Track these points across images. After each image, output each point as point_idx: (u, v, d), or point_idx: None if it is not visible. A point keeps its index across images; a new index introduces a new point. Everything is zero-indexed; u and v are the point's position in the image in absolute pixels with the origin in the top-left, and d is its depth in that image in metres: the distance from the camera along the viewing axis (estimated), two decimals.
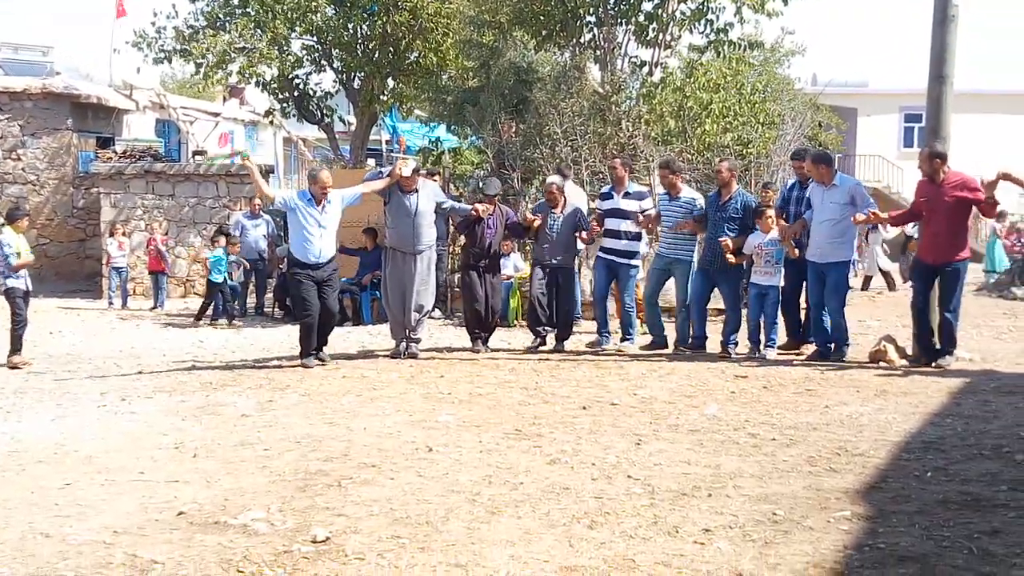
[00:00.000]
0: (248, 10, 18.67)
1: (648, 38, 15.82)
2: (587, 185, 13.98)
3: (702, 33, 15.99)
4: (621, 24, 15.87)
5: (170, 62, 19.82)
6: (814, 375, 8.64)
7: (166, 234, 18.60)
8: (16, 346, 10.90)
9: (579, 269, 12.47)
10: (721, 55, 15.88)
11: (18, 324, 10.97)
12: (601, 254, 10.77)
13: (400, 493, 5.22)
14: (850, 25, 73.87)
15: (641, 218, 10.46)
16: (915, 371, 8.78)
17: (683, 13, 15.70)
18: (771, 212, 9.96)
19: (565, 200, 10.74)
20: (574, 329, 11.32)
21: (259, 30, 18.32)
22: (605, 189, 11.09)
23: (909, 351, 9.44)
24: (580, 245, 11.19)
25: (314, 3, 18.30)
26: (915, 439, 6.23)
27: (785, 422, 6.79)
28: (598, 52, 16.12)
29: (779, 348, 10.01)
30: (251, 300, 16.69)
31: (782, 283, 9.92)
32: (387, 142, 28.22)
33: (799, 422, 6.78)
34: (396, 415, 7.30)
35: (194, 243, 18.90)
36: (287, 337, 12.42)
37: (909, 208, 9.62)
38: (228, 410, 7.66)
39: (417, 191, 10.17)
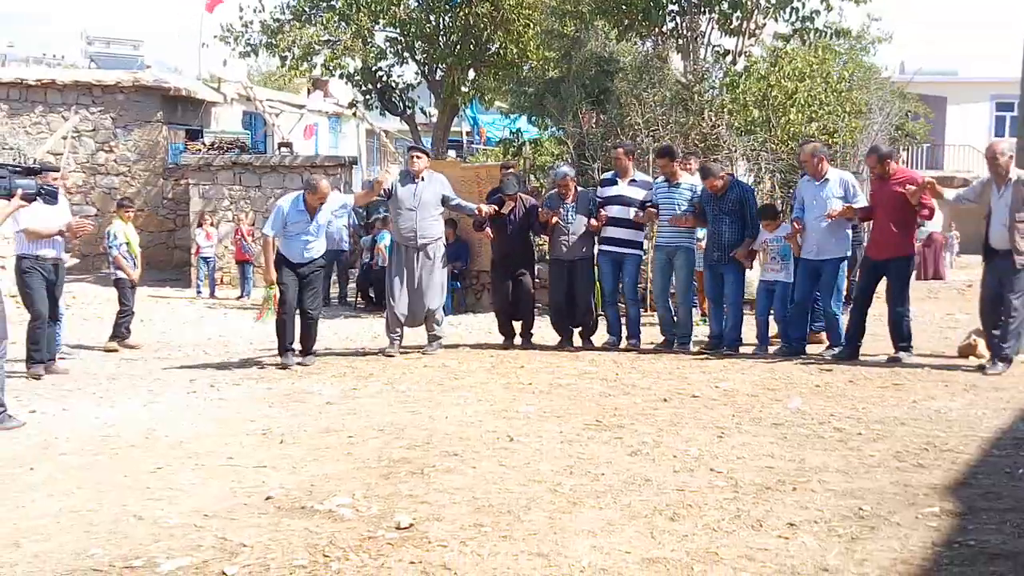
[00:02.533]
0: (333, 3, 18.95)
1: (732, 27, 15.64)
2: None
3: (787, 21, 15.76)
4: (704, 13, 15.72)
5: (256, 55, 20.15)
6: (901, 369, 8.48)
7: (252, 224, 18.95)
8: (116, 332, 11.30)
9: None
10: (807, 43, 15.64)
11: (123, 313, 11.38)
12: (604, 247, 10.33)
13: (482, 482, 5.25)
14: (939, 12, 72.08)
15: (641, 214, 10.08)
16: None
17: (768, 1, 15.48)
18: (769, 212, 9.93)
19: (576, 190, 10.38)
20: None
21: (343, 23, 18.57)
22: (608, 175, 10.70)
23: None
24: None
25: None
26: (1006, 435, 6.08)
27: (871, 416, 6.68)
28: (680, 41, 15.98)
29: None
30: (334, 290, 16.92)
31: (791, 279, 9.69)
32: (468, 133, 28.44)
33: (886, 416, 6.67)
34: (477, 404, 7.35)
35: None
36: (370, 327, 12.59)
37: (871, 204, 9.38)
38: (313, 397, 7.79)
39: (423, 180, 9.85)
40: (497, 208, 10.23)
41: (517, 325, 10.63)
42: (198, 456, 5.99)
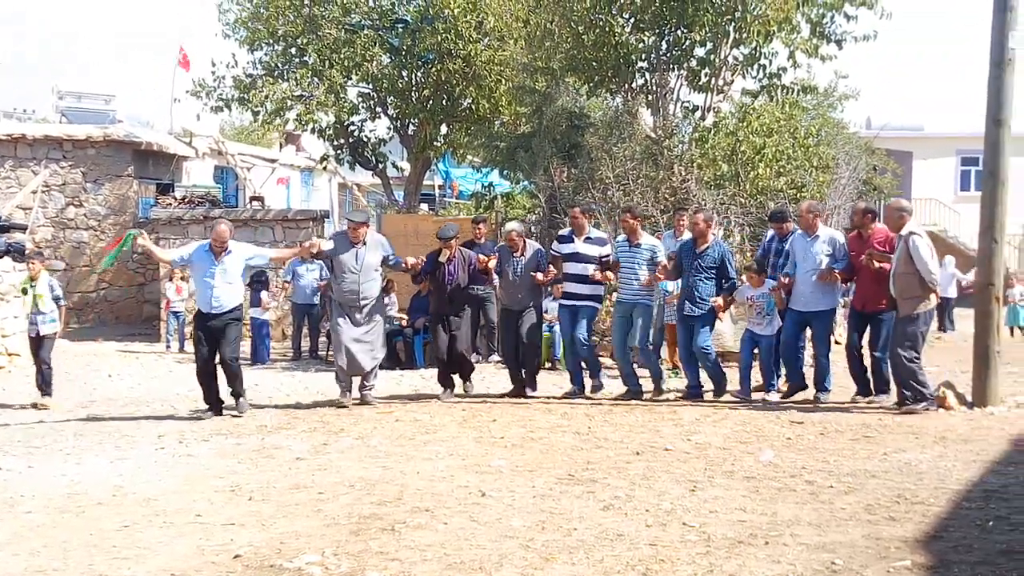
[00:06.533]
0: (306, 59, 19.06)
1: (700, 83, 15.83)
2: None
3: (755, 78, 15.97)
4: (673, 69, 15.91)
5: (229, 110, 20.19)
6: (871, 421, 8.52)
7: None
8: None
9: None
10: (774, 99, 15.85)
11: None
12: (563, 302, 10.67)
13: (453, 538, 5.21)
14: (905, 69, 73.39)
15: (598, 275, 10.36)
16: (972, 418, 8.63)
17: (736, 58, 15.70)
18: (756, 268, 10.35)
19: (525, 244, 10.74)
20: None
21: (316, 78, 18.67)
22: (564, 232, 11.01)
23: (969, 397, 9.29)
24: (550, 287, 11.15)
25: (370, 52, 18.62)
26: (976, 487, 6.11)
27: (843, 469, 6.70)
28: (650, 97, 16.16)
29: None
30: (305, 343, 16.83)
31: (774, 331, 10.13)
32: (440, 187, 28.51)
33: (857, 469, 6.69)
34: (449, 459, 7.31)
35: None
36: None
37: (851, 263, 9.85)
38: (283, 453, 7.72)
39: (364, 243, 10.15)
40: (424, 261, 10.60)
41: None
42: (166, 513, 5.92)
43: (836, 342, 14.85)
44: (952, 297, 20.72)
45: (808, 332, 10.09)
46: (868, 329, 9.74)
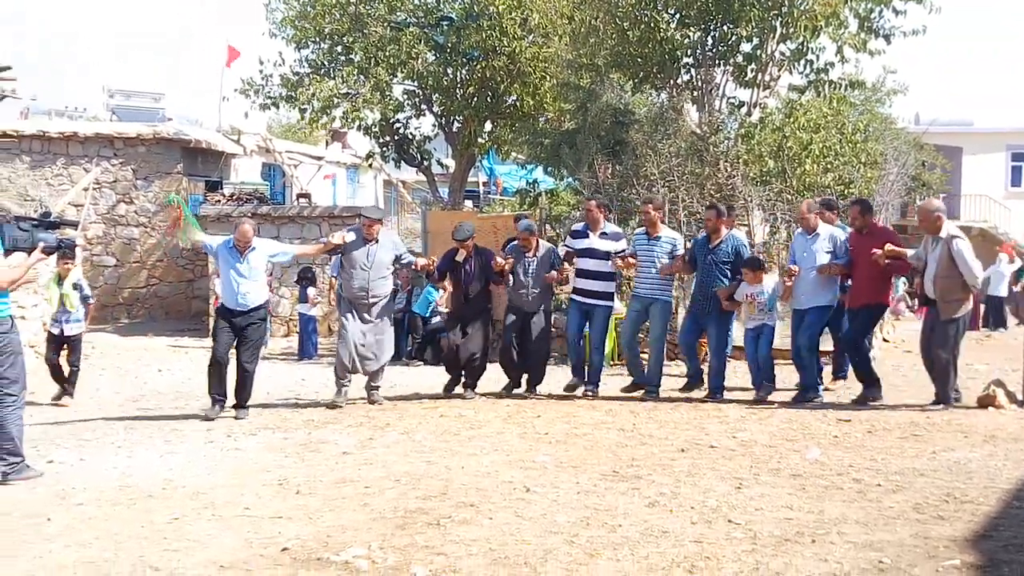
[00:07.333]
0: (352, 57, 19.19)
1: (747, 79, 15.72)
2: (684, 227, 13.92)
3: (802, 73, 15.83)
4: (719, 65, 15.81)
5: (276, 108, 20.40)
6: (920, 419, 8.43)
7: (270, 275, 19.02)
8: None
9: (676, 308, 12.30)
10: (821, 95, 15.70)
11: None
12: (575, 296, 10.55)
13: (498, 533, 5.24)
14: (954, 64, 72.37)
15: (619, 262, 10.29)
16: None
17: (783, 54, 15.57)
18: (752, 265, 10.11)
19: (538, 243, 10.63)
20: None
21: (362, 76, 18.81)
22: (578, 226, 10.88)
23: (1019, 395, 9.16)
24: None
25: (415, 50, 18.70)
26: None
27: (890, 467, 6.64)
28: (695, 93, 16.07)
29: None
30: None
31: (775, 322, 10.08)
32: (484, 184, 28.57)
33: (905, 468, 6.62)
34: (493, 454, 7.34)
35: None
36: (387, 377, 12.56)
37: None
38: (329, 447, 7.79)
39: (377, 241, 10.07)
40: (435, 261, 10.60)
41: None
42: (215, 506, 6.00)
43: (885, 340, 14.77)
44: (1004, 295, 20.41)
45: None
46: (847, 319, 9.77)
